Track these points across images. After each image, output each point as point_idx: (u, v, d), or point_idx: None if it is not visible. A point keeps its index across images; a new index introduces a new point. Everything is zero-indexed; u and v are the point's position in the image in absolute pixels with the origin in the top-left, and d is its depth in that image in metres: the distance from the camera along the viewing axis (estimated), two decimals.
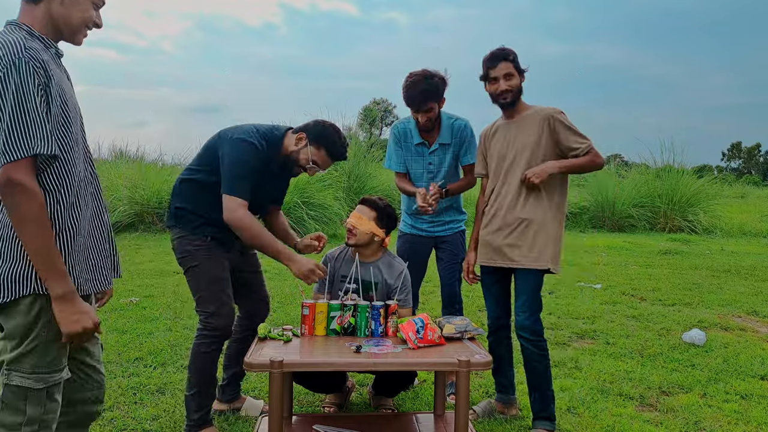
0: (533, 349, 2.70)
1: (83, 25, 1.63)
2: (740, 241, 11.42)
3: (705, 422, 2.89)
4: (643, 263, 8.13)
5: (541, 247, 2.66)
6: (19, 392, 1.52)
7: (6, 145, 1.40)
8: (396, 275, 2.81)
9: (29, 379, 1.52)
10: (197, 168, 2.59)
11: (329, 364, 2.25)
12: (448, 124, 3.12)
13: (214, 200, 2.48)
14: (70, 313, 1.49)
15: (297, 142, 2.60)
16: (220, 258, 2.57)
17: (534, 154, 2.67)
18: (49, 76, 1.48)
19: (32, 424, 1.52)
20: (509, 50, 2.70)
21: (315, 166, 2.62)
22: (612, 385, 3.34)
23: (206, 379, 2.55)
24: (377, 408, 2.95)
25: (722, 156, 72.92)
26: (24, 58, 1.43)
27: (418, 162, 3.17)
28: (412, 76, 2.95)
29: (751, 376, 3.55)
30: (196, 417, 2.53)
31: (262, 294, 2.85)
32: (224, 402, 2.86)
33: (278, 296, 5.37)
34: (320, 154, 2.62)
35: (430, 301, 5.24)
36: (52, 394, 1.56)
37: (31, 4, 1.57)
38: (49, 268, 1.46)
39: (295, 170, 2.68)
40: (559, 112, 2.68)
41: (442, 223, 3.23)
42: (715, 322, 4.82)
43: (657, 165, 14.27)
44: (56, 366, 1.56)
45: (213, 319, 2.52)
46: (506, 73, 2.66)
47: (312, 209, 9.98)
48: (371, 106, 48.13)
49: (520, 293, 2.72)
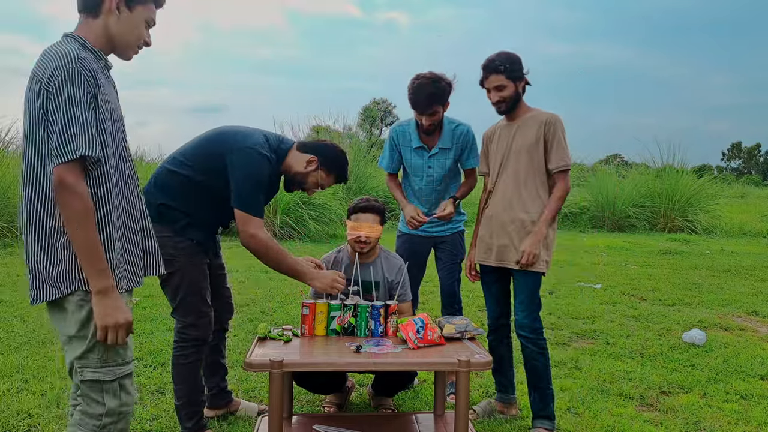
0: (532, 348, 2.71)
1: (135, 43, 1.74)
2: (740, 241, 11.43)
3: (705, 422, 2.89)
4: (643, 263, 8.13)
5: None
6: (95, 386, 1.63)
7: (58, 147, 1.50)
8: (396, 270, 2.84)
9: (99, 372, 1.63)
10: (188, 163, 2.43)
11: (329, 364, 2.25)
12: (449, 129, 3.11)
13: (203, 200, 2.42)
14: (106, 306, 1.56)
15: (307, 165, 2.53)
16: (202, 263, 2.49)
17: (531, 156, 2.69)
18: (98, 84, 1.58)
19: (112, 415, 1.65)
20: (501, 59, 2.66)
21: (318, 189, 2.61)
22: (612, 385, 3.34)
23: (191, 387, 2.51)
24: (377, 408, 2.95)
25: (722, 156, 72.93)
26: (77, 68, 1.54)
27: (417, 164, 3.17)
28: (418, 78, 2.93)
29: (751, 376, 3.55)
30: (189, 425, 2.50)
31: (227, 294, 2.77)
32: (220, 408, 2.82)
33: (278, 296, 5.37)
34: (329, 180, 2.61)
35: (430, 301, 5.24)
36: (125, 386, 1.67)
37: (90, 18, 1.68)
38: (92, 265, 1.55)
39: (293, 188, 2.63)
40: (557, 120, 2.70)
41: (441, 223, 3.23)
42: (715, 322, 4.82)
43: (657, 165, 14.28)
44: (122, 359, 1.66)
45: (191, 330, 2.47)
46: (497, 85, 2.67)
47: (312, 209, 9.97)
48: (371, 106, 48.06)
49: (518, 293, 2.74)
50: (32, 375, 3.24)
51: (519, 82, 2.70)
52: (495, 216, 2.77)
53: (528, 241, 2.63)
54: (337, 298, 2.57)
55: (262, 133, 2.48)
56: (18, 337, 3.90)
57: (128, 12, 1.68)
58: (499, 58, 2.67)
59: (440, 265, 3.26)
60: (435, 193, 3.19)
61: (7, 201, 8.03)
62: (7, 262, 6.64)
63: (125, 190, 1.72)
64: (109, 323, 1.57)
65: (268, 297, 5.33)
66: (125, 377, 1.67)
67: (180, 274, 2.40)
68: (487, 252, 2.81)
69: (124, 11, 1.68)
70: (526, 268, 2.64)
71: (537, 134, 2.69)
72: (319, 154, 2.56)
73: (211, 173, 2.41)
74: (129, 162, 1.77)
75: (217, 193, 2.43)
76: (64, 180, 1.50)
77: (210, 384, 2.76)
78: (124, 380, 1.67)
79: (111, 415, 1.65)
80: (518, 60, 2.70)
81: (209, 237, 2.53)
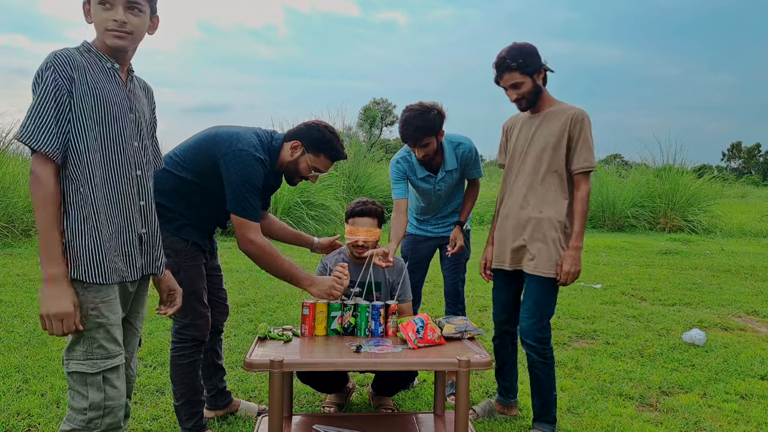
0: (535, 357, 2.62)
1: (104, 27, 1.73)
2: (740, 241, 11.43)
3: (705, 422, 2.89)
4: (643, 263, 8.13)
5: (546, 253, 2.56)
6: (79, 378, 1.66)
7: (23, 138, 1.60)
8: (397, 272, 2.83)
9: (83, 365, 1.65)
10: (183, 164, 2.41)
11: (329, 364, 2.25)
12: (451, 150, 3.09)
13: (199, 201, 2.41)
14: (49, 295, 1.59)
15: (292, 152, 2.47)
16: (199, 264, 2.48)
17: (552, 152, 2.56)
18: (72, 78, 1.63)
19: (96, 409, 1.67)
20: (512, 55, 2.50)
21: (317, 173, 2.54)
22: (612, 385, 3.34)
23: (191, 387, 2.50)
24: (377, 408, 2.95)
25: (722, 156, 72.98)
26: (52, 65, 1.61)
27: (426, 188, 3.17)
28: (407, 111, 2.90)
29: (751, 376, 3.55)
30: (189, 426, 2.50)
31: (222, 296, 2.76)
32: (220, 409, 2.81)
33: (278, 296, 5.37)
34: (321, 160, 2.50)
35: (430, 301, 5.24)
36: (110, 380, 1.68)
37: None
38: (44, 250, 1.60)
39: (295, 180, 2.58)
40: (584, 116, 2.54)
41: (446, 224, 3.25)
42: (715, 322, 4.82)
43: (657, 165, 14.29)
44: (107, 351, 1.68)
45: (188, 330, 2.47)
46: (512, 83, 2.53)
47: (312, 209, 9.98)
48: (371, 106, 48.08)
49: (526, 298, 2.66)
50: (32, 375, 3.24)
51: (536, 75, 2.53)
52: (510, 215, 2.68)
53: (567, 262, 2.51)
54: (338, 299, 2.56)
55: (253, 133, 2.43)
56: (18, 337, 3.90)
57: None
58: (509, 54, 2.50)
59: (445, 265, 3.27)
60: (441, 202, 3.24)
61: (7, 201, 8.03)
62: (7, 262, 6.63)
63: (121, 185, 1.74)
64: (45, 312, 1.59)
65: (268, 297, 5.33)
66: (110, 370, 1.68)
67: (178, 275, 2.37)
68: (502, 256, 2.71)
69: None
70: (564, 285, 2.56)
71: (561, 130, 2.53)
72: (302, 137, 2.48)
73: (205, 175, 2.39)
74: (134, 159, 1.79)
75: (212, 194, 2.41)
76: (32, 168, 1.61)
77: (209, 385, 2.76)
78: (109, 374, 1.68)
79: (96, 409, 1.66)
80: (531, 51, 2.52)
81: (206, 238, 2.52)
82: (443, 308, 3.40)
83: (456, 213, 3.27)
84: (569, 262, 2.52)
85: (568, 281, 2.54)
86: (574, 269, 2.53)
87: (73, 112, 1.64)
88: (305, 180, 2.58)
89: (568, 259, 2.53)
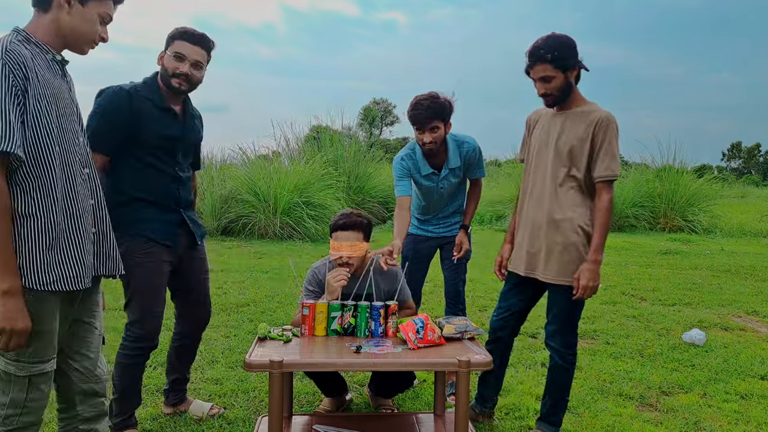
0: (558, 360, 2.55)
1: (90, 38, 1.69)
2: (740, 241, 11.42)
3: (705, 422, 2.89)
4: (643, 263, 8.12)
5: (566, 259, 2.46)
6: (5, 377, 1.62)
7: None
8: (392, 279, 2.73)
9: (12, 366, 1.61)
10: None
11: (329, 364, 2.25)
12: (455, 148, 3.10)
13: (130, 182, 2.39)
14: (8, 309, 1.52)
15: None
16: (155, 260, 2.42)
17: (573, 155, 2.42)
18: (27, 78, 1.53)
19: (15, 407, 1.62)
20: (548, 46, 2.34)
21: (179, 62, 2.36)
22: (612, 385, 3.34)
23: (127, 386, 2.49)
24: (377, 408, 2.95)
25: (722, 156, 72.97)
26: (2, 60, 1.50)
27: (428, 187, 3.17)
28: (417, 97, 2.94)
29: (751, 376, 3.56)
30: (116, 421, 2.49)
31: (204, 299, 2.73)
32: (170, 405, 2.81)
33: (278, 296, 5.37)
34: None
35: (430, 301, 5.24)
36: (36, 384, 1.64)
37: (40, 12, 1.65)
38: (4, 263, 1.51)
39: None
40: (612, 121, 2.38)
41: (447, 225, 3.25)
42: (715, 322, 4.82)
43: (657, 165, 14.26)
44: (39, 357, 1.63)
45: (135, 327, 2.45)
46: (543, 76, 2.37)
47: (312, 209, 9.96)
48: (371, 106, 48.11)
49: (552, 305, 2.57)
50: None
51: (570, 71, 2.38)
52: (527, 215, 2.57)
53: (585, 276, 2.39)
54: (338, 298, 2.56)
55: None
56: None
57: (80, 6, 1.65)
58: (545, 44, 2.34)
59: (445, 265, 3.27)
60: (442, 202, 3.24)
61: None
62: None
63: (74, 186, 1.67)
64: (7, 327, 1.51)
65: (268, 297, 5.33)
66: (38, 375, 1.63)
67: (129, 271, 2.25)
68: (518, 259, 2.62)
69: (76, 5, 1.64)
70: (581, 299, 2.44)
71: (585, 133, 2.39)
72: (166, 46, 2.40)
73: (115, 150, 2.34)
74: (82, 157, 1.72)
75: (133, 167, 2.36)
76: None
77: (168, 379, 2.81)
78: (37, 378, 1.63)
79: (14, 407, 1.61)
80: (569, 45, 2.37)
81: (164, 228, 2.44)
82: (443, 308, 3.40)
83: (457, 213, 3.27)
84: (587, 276, 2.39)
85: (586, 295, 2.41)
86: (593, 284, 2.39)
87: (28, 111, 1.54)
88: (177, 80, 2.39)
89: (586, 273, 2.39)
